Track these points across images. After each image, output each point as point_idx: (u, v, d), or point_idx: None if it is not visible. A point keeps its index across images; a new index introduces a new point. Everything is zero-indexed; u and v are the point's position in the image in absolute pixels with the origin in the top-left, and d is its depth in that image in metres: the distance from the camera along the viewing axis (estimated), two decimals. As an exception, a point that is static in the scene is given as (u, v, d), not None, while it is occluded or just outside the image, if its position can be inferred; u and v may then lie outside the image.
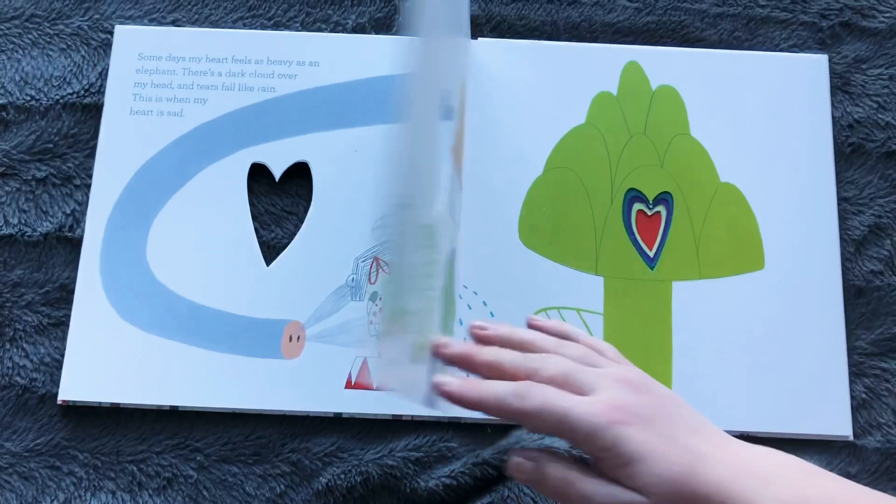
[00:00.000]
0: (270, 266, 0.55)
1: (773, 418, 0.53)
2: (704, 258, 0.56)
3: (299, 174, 0.57)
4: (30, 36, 0.61)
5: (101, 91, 0.59)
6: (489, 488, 0.51)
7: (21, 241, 0.57)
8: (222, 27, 0.61)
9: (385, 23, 0.61)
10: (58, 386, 0.54)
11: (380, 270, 0.55)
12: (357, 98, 0.58)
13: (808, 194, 0.57)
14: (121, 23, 0.61)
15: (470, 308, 0.54)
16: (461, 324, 0.54)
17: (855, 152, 0.59)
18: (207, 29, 0.60)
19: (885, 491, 0.50)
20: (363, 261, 0.55)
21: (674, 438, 0.36)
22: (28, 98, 0.59)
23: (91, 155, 0.58)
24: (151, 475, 0.53)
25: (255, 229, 0.56)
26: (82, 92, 0.59)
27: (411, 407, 0.53)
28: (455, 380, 0.37)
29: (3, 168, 0.58)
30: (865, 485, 0.50)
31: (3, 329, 0.55)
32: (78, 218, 0.57)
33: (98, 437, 0.53)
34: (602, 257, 0.56)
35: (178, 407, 0.53)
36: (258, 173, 0.57)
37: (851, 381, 0.54)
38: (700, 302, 0.55)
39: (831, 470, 0.51)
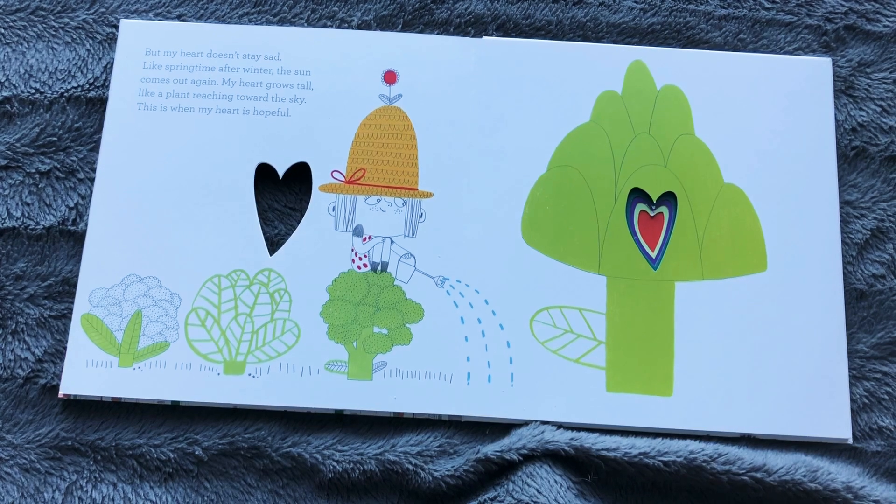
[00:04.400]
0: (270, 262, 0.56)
1: (773, 420, 0.53)
2: (707, 259, 0.56)
3: (300, 173, 0.57)
4: (35, 29, 0.61)
5: (105, 85, 0.59)
6: (492, 483, 0.51)
7: (24, 234, 0.57)
8: (228, 23, 0.61)
9: (390, 20, 0.61)
10: (59, 379, 0.54)
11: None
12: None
13: (810, 197, 0.57)
14: (126, 17, 0.61)
15: (472, 307, 0.55)
16: (463, 322, 0.54)
17: (858, 156, 0.59)
18: (213, 24, 0.60)
19: (884, 494, 0.51)
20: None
21: None
22: (32, 91, 0.59)
23: (95, 149, 0.58)
24: (152, 469, 0.53)
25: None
26: (87, 85, 0.59)
27: (412, 404, 0.53)
28: None
29: (7, 161, 0.58)
30: (863, 488, 0.51)
31: (6, 321, 0.55)
32: (81, 212, 0.57)
33: (98, 429, 0.53)
34: (605, 256, 0.56)
35: (178, 402, 0.53)
36: (260, 172, 0.57)
37: (852, 385, 0.55)
38: (702, 303, 0.55)
39: (831, 472, 0.51)
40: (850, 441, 0.53)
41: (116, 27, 0.61)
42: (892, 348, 0.56)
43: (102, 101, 0.59)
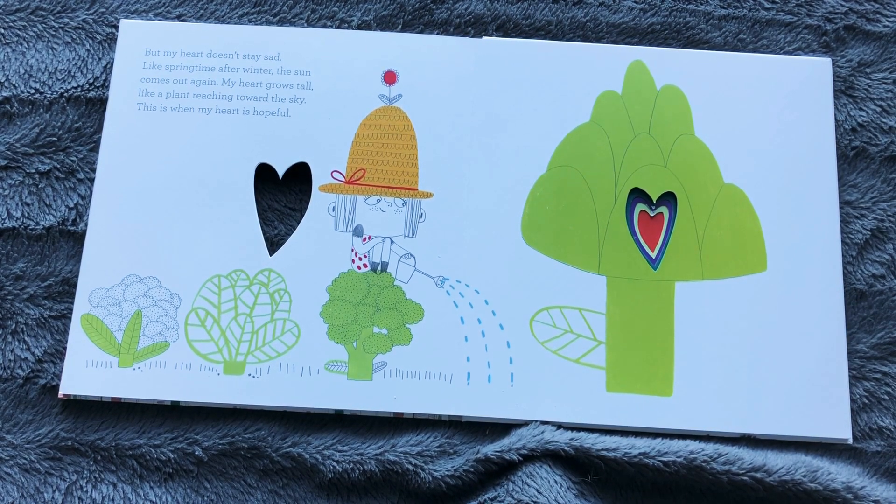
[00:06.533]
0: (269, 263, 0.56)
1: (774, 420, 0.53)
2: (707, 259, 0.56)
3: (300, 173, 0.57)
4: (35, 29, 0.61)
5: (105, 85, 0.59)
6: (492, 483, 0.51)
7: (24, 235, 0.57)
8: (227, 23, 0.61)
9: (390, 20, 0.61)
10: (59, 379, 0.54)
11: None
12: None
13: (810, 197, 0.57)
14: (126, 17, 0.61)
15: (472, 307, 0.55)
16: (463, 322, 0.54)
17: (858, 156, 0.59)
18: (213, 24, 0.60)
19: (884, 494, 0.51)
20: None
21: None
22: (32, 91, 0.59)
23: (95, 149, 0.58)
24: (152, 469, 0.53)
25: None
26: (87, 85, 0.59)
27: (412, 405, 0.53)
28: None
29: (7, 161, 0.58)
30: (864, 488, 0.51)
31: (5, 322, 0.55)
32: (81, 212, 0.57)
33: (98, 429, 0.53)
34: (605, 256, 0.56)
35: (178, 402, 0.53)
36: (260, 172, 0.57)
37: (852, 385, 0.55)
38: (702, 303, 0.55)
39: (831, 472, 0.51)
40: (850, 441, 0.53)
41: (116, 27, 0.61)
42: (892, 348, 0.56)
43: (102, 101, 0.59)
